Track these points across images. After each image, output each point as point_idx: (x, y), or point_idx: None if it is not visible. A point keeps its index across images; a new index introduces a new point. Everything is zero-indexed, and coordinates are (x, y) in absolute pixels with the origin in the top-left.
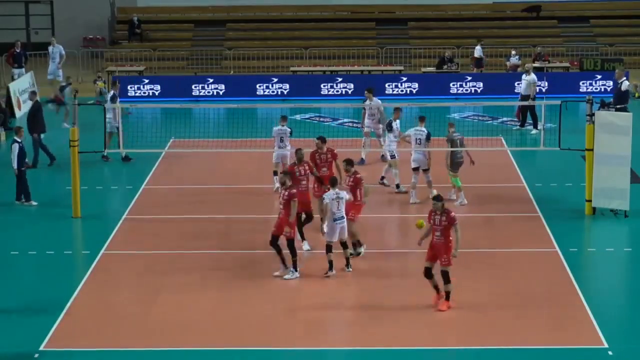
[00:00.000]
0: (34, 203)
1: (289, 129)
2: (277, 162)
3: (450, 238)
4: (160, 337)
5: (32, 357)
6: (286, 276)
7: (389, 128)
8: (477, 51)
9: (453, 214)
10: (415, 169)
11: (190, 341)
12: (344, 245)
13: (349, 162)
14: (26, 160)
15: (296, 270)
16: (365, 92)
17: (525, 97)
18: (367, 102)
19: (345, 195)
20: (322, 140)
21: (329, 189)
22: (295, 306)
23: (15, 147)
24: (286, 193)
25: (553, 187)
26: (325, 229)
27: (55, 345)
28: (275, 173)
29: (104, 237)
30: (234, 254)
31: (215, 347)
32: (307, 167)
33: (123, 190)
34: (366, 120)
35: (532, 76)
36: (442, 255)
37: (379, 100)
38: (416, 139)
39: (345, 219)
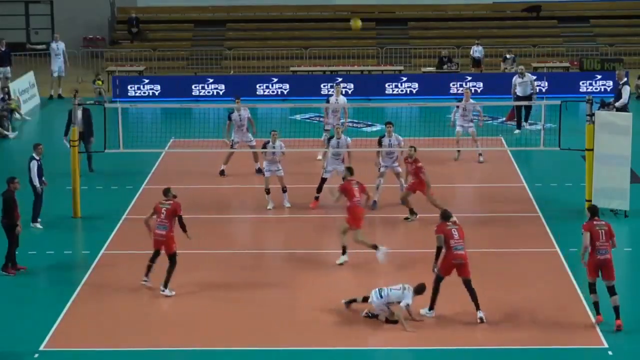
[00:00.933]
0: (39, 226)
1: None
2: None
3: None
4: (160, 337)
5: (32, 357)
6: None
7: (379, 144)
8: (475, 51)
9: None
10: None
11: (190, 341)
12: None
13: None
14: (43, 178)
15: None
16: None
17: (523, 98)
18: (334, 98)
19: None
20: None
21: None
22: (295, 306)
23: (34, 164)
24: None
25: (553, 187)
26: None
27: (55, 345)
28: (267, 192)
29: (104, 237)
30: (234, 253)
31: (215, 347)
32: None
33: (123, 190)
34: (330, 119)
35: (529, 76)
36: None
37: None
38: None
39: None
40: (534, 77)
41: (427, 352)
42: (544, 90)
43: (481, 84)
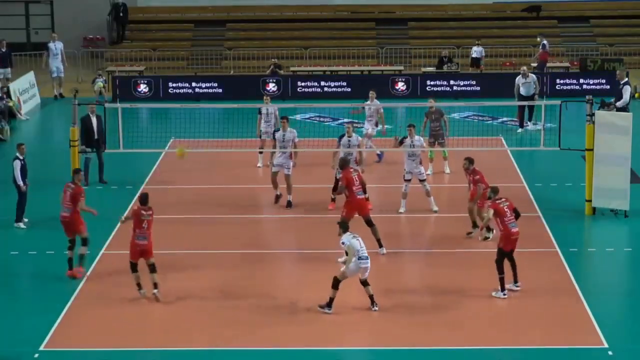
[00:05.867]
0: (22, 225)
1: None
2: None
3: None
4: (160, 337)
5: (32, 357)
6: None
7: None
8: (474, 52)
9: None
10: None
11: (190, 341)
12: (364, 283)
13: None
14: (26, 179)
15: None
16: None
17: (527, 99)
18: (265, 107)
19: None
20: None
21: None
22: (295, 306)
23: (17, 164)
24: None
25: (553, 187)
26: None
27: (55, 345)
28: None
29: (104, 237)
30: (234, 253)
31: (215, 347)
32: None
33: (123, 190)
34: (262, 125)
35: (532, 76)
36: None
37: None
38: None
39: (368, 260)
40: (535, 79)
41: (427, 352)
42: (544, 90)
43: (481, 84)
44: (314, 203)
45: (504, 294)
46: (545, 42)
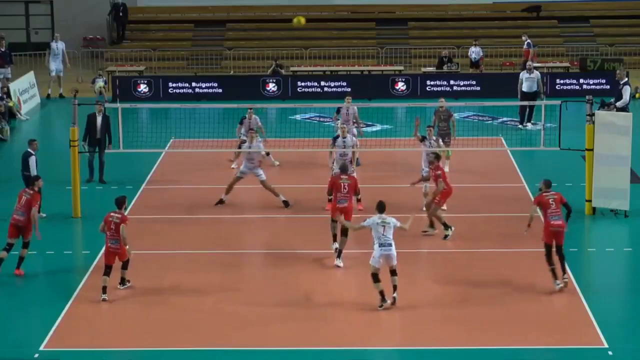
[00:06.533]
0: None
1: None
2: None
3: None
4: (160, 337)
5: (32, 357)
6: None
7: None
8: (472, 52)
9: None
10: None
11: (190, 341)
12: (392, 272)
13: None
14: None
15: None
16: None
17: (529, 95)
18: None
19: (394, 221)
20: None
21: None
22: (295, 306)
23: (32, 159)
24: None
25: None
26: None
27: (55, 345)
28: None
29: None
30: (234, 253)
31: (215, 347)
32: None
33: (123, 191)
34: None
35: (537, 73)
36: None
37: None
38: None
39: (392, 247)
40: (540, 76)
41: (427, 352)
42: (548, 92)
43: (480, 84)
44: (315, 203)
45: (558, 284)
46: (529, 40)
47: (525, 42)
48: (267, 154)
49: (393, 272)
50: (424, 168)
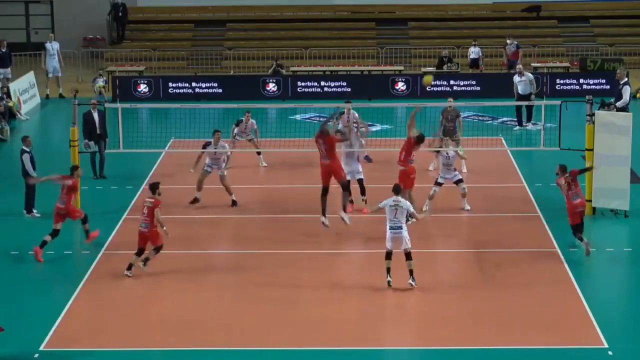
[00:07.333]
0: (37, 214)
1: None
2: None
3: None
4: (160, 337)
5: (32, 357)
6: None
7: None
8: (472, 52)
9: None
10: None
11: (190, 341)
12: (407, 256)
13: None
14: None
15: None
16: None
17: (525, 97)
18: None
19: (408, 205)
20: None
21: None
22: (295, 306)
23: (27, 157)
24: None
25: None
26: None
27: (55, 345)
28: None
29: (104, 237)
30: (234, 253)
31: (215, 347)
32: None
33: (123, 190)
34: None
35: (528, 75)
36: None
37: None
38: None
39: (402, 230)
40: (532, 77)
41: (427, 352)
42: (548, 93)
43: (480, 84)
44: (315, 203)
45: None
46: (515, 42)
47: (512, 44)
48: (259, 153)
49: (407, 256)
50: (440, 174)
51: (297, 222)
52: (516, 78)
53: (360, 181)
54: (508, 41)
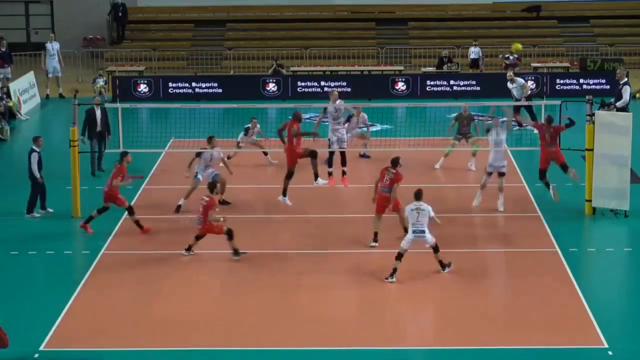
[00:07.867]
0: (37, 215)
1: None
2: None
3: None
4: (160, 337)
5: (32, 357)
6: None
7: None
8: (472, 52)
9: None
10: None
11: (190, 341)
12: (434, 250)
13: None
14: (41, 171)
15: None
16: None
17: (520, 101)
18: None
19: (430, 209)
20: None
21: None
22: (295, 306)
23: (35, 156)
24: None
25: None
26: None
27: (55, 345)
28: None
29: (104, 237)
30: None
31: (216, 347)
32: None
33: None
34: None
35: (519, 80)
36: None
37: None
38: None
39: (425, 234)
40: (523, 82)
41: (427, 352)
42: (548, 93)
43: (480, 85)
44: (314, 203)
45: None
46: (515, 55)
47: (512, 57)
48: (265, 153)
49: (435, 249)
50: (489, 162)
51: (297, 222)
52: (509, 85)
53: (343, 153)
54: (510, 57)
